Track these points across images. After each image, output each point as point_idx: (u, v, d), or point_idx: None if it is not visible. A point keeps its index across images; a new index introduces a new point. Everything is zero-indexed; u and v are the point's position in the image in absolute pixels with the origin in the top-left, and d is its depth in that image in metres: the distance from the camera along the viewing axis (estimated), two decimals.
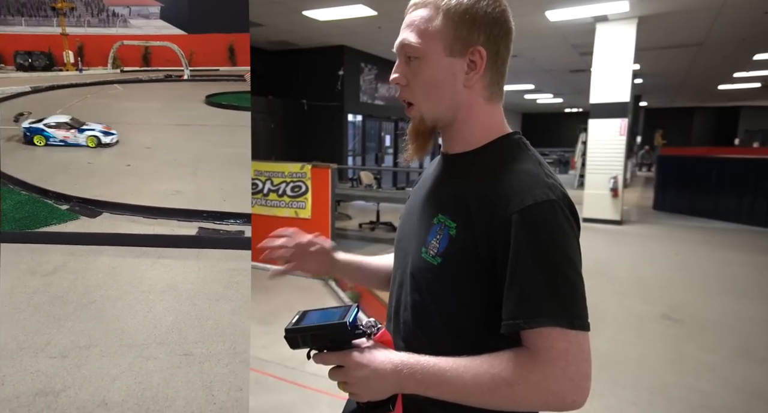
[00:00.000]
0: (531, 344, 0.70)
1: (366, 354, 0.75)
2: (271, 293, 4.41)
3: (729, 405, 2.62)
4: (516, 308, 0.70)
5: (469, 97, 0.81)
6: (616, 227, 7.89)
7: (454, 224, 0.77)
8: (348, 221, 7.98)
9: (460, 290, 0.77)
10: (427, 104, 0.82)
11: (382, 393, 0.75)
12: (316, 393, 2.63)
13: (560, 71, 12.73)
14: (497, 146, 0.83)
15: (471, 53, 0.79)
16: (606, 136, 7.93)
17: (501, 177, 0.76)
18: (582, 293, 0.72)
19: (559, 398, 0.68)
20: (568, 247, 0.72)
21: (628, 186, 12.84)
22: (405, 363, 0.73)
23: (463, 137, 0.84)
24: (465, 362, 0.71)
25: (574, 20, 7.59)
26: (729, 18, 7.43)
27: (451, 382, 0.71)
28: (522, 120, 28.36)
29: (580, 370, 0.69)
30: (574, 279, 0.71)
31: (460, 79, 0.80)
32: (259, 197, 5.12)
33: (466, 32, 0.78)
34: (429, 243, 0.80)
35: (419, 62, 0.80)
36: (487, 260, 0.74)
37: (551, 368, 0.68)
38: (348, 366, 0.75)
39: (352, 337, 0.76)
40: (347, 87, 10.56)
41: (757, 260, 5.84)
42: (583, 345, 0.70)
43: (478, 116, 0.83)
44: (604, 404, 2.61)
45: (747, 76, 13.36)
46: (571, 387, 0.68)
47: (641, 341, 3.47)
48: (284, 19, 8.04)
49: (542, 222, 0.71)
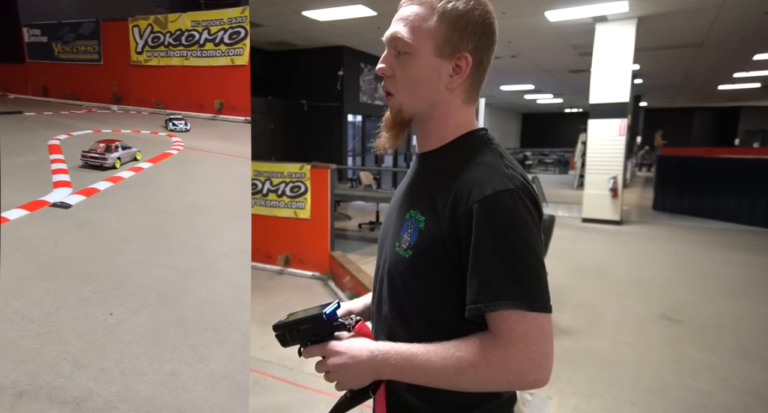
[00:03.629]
0: (494, 327, 0.73)
1: (344, 342, 0.81)
2: (270, 294, 4.42)
3: (727, 405, 2.63)
4: (477, 293, 0.73)
5: (448, 98, 0.85)
6: (615, 227, 7.89)
7: (423, 218, 0.81)
8: (347, 222, 7.99)
9: (431, 281, 0.81)
10: (408, 98, 0.85)
11: (360, 380, 0.80)
12: (315, 394, 2.63)
13: (560, 72, 12.74)
14: (462, 141, 0.86)
15: (458, 58, 0.82)
16: (605, 136, 7.93)
17: (464, 170, 0.80)
18: (542, 277, 0.75)
19: (520, 377, 0.72)
20: (527, 233, 0.75)
21: (628, 186, 12.84)
22: (380, 350, 0.78)
23: (436, 136, 0.88)
24: (435, 347, 0.76)
25: (573, 20, 7.60)
26: (728, 18, 7.43)
27: (422, 366, 0.75)
28: (522, 120, 28.37)
29: (540, 350, 0.71)
30: (532, 263, 0.74)
31: (444, 80, 0.83)
32: (259, 198, 5.13)
33: (457, 37, 0.82)
34: (402, 237, 0.84)
35: (408, 57, 0.83)
36: (454, 251, 0.77)
37: (512, 349, 0.71)
38: (327, 354, 0.80)
39: (332, 329, 0.82)
40: (347, 87, 10.57)
41: (756, 260, 5.84)
42: (544, 326, 0.72)
43: (453, 116, 0.87)
44: (603, 404, 2.61)
45: (747, 77, 13.36)
46: (531, 367, 0.71)
47: (640, 341, 3.47)
48: (284, 19, 8.05)
49: (501, 210, 0.74)
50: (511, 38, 8.83)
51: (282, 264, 5.11)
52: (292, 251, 5.08)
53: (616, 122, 7.81)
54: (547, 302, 0.73)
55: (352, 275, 4.22)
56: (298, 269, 5.04)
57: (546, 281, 0.75)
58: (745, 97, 18.35)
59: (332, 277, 4.75)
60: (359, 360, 0.78)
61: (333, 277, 4.74)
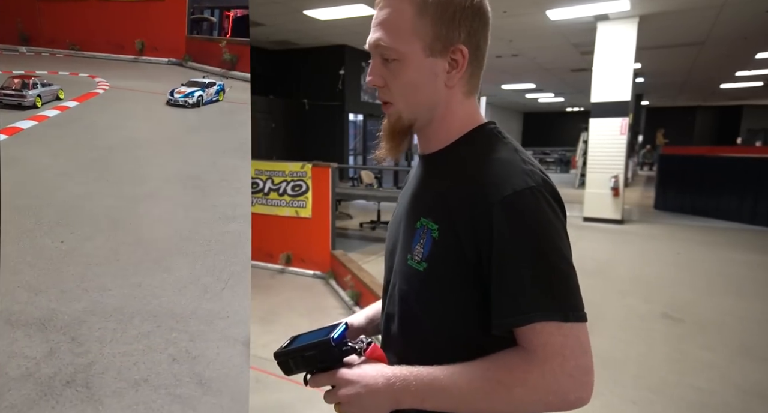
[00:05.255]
0: (526, 342, 0.66)
1: (355, 369, 0.72)
2: (271, 292, 4.42)
3: (729, 404, 2.62)
4: (505, 306, 0.67)
5: (448, 94, 0.78)
6: (617, 226, 7.88)
7: (436, 226, 0.74)
8: (349, 221, 7.99)
9: (450, 294, 0.73)
10: (406, 105, 0.78)
11: (377, 410, 0.71)
12: (316, 392, 2.63)
13: (561, 70, 12.72)
14: (471, 138, 0.79)
15: (452, 52, 0.74)
16: (607, 135, 7.92)
17: (477, 169, 0.73)
18: (575, 282, 0.68)
19: (560, 397, 0.65)
20: (554, 234, 0.68)
21: (630, 185, 12.82)
22: (397, 376, 0.69)
23: (441, 135, 0.80)
24: (459, 368, 0.68)
25: (574, 19, 7.59)
26: (730, 17, 7.41)
27: (447, 390, 0.67)
28: (523, 119, 28.34)
29: (580, 365, 0.65)
30: (563, 269, 0.67)
31: (442, 78, 0.76)
32: (260, 197, 5.13)
33: (446, 30, 0.73)
34: (414, 249, 0.76)
35: (398, 64, 0.75)
36: (473, 258, 0.70)
37: (549, 365, 0.64)
38: (338, 384, 0.72)
39: (341, 355, 0.74)
40: (348, 87, 10.57)
41: (758, 259, 5.83)
42: (581, 337, 0.66)
43: (456, 112, 0.79)
44: (605, 402, 2.61)
45: (749, 75, 13.32)
46: (572, 384, 0.65)
47: (642, 340, 3.47)
48: (285, 18, 8.05)
49: (523, 212, 0.67)
50: (513, 37, 8.82)
51: (283, 263, 5.11)
52: (293, 250, 5.09)
53: (617, 120, 7.80)
54: (582, 310, 0.66)
55: (353, 274, 4.22)
56: (300, 268, 5.05)
57: (578, 285, 0.68)
58: (748, 96, 18.29)
59: (333, 276, 4.76)
60: (374, 388, 0.69)
61: (334, 276, 4.74)
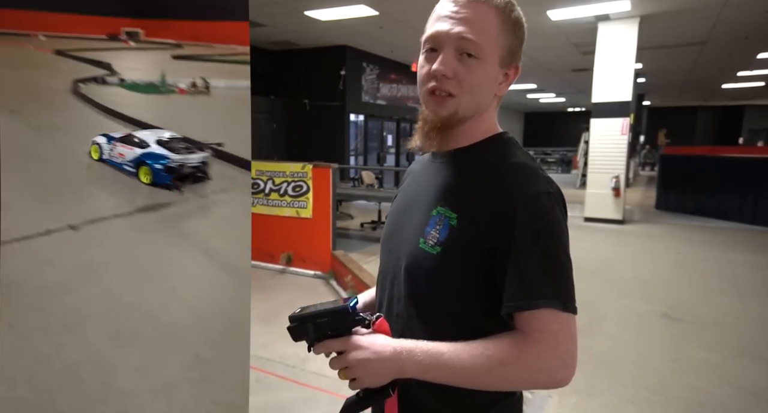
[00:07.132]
0: (525, 325, 0.74)
1: (366, 337, 0.79)
2: (272, 293, 4.44)
3: (728, 404, 2.63)
4: (517, 291, 0.75)
5: (492, 101, 0.88)
6: (617, 226, 7.88)
7: (455, 215, 0.81)
8: (350, 221, 8.00)
9: (458, 278, 0.80)
10: (470, 100, 0.83)
11: (382, 377, 0.77)
12: (317, 392, 2.65)
13: (562, 70, 12.72)
14: (493, 143, 0.88)
15: (509, 67, 0.86)
16: (608, 135, 7.92)
17: (502, 171, 0.82)
18: (571, 278, 0.77)
19: (549, 376, 0.73)
20: (562, 235, 0.78)
21: (631, 185, 12.81)
22: (404, 347, 0.76)
23: (467, 135, 0.87)
24: (461, 345, 0.75)
25: (575, 19, 7.59)
26: (731, 17, 7.41)
27: (450, 363, 0.74)
28: (525, 119, 28.33)
29: (569, 350, 0.74)
30: (567, 264, 0.77)
31: (495, 87, 0.86)
32: (261, 197, 5.15)
33: (517, 48, 0.85)
34: (428, 234, 0.82)
35: (476, 62, 0.81)
36: (487, 248, 0.77)
37: (543, 347, 0.72)
38: (349, 349, 0.78)
39: (353, 323, 0.80)
40: (349, 87, 10.59)
41: (758, 259, 5.83)
42: (572, 327, 0.75)
43: (488, 118, 0.89)
44: (603, 402, 2.62)
45: (751, 75, 13.31)
46: (560, 366, 0.73)
47: (641, 340, 3.47)
48: (286, 19, 8.07)
49: (541, 212, 0.77)
50: None
51: (284, 263, 5.12)
52: (294, 251, 5.10)
53: (618, 121, 7.80)
54: (575, 302, 0.76)
55: (354, 274, 4.23)
56: (300, 269, 5.06)
57: (573, 281, 0.77)
58: (749, 95, 18.28)
59: (334, 276, 4.77)
60: (382, 355, 0.76)
61: (335, 276, 4.76)
